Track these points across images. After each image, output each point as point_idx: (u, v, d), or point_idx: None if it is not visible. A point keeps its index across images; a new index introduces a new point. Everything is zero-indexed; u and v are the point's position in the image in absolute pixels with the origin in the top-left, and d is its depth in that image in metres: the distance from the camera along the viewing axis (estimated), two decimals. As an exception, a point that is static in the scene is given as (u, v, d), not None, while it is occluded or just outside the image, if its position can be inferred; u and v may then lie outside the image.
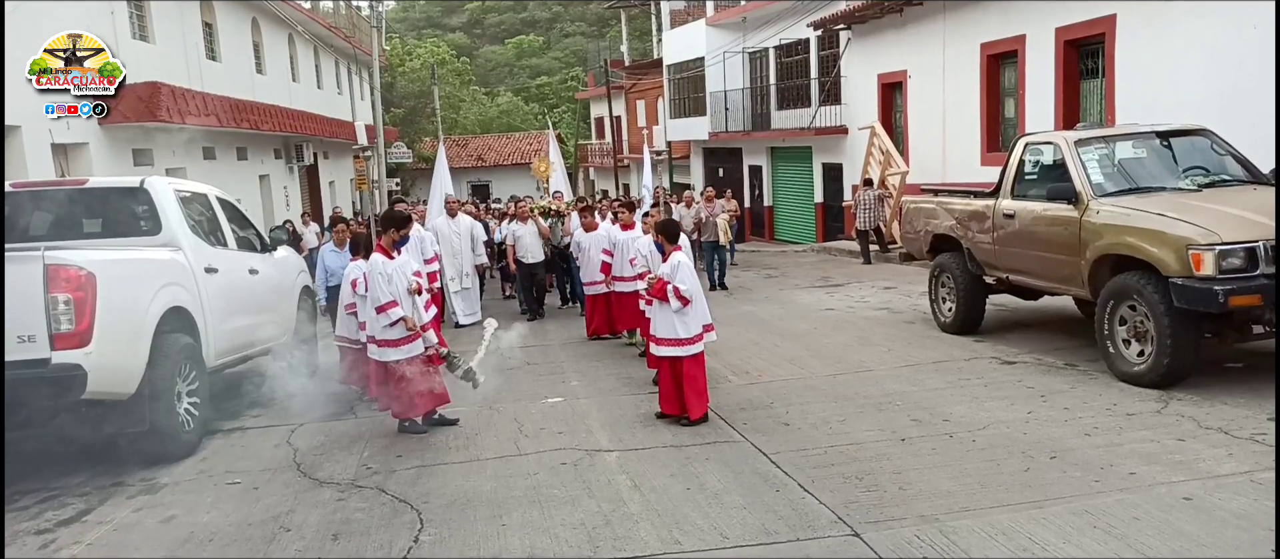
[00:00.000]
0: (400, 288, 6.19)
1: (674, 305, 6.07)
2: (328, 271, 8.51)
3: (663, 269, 6.27)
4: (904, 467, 4.99)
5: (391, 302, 6.12)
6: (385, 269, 6.18)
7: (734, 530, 4.23)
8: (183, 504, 5.11)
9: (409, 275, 6.32)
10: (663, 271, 6.24)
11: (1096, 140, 7.42)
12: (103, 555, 4.43)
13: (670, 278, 6.13)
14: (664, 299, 6.11)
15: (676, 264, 6.17)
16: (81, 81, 7.63)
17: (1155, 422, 5.50)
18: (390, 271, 6.19)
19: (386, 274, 6.16)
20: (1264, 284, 5.74)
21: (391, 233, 6.43)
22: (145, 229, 6.55)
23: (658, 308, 6.23)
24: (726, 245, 14.69)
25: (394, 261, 6.27)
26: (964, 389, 6.66)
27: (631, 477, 5.12)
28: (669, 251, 6.33)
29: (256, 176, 19.51)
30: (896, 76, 18.09)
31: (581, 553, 4.10)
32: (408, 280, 6.28)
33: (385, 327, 6.18)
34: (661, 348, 6.20)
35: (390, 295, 6.12)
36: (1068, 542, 3.86)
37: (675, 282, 6.09)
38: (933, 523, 4.15)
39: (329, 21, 26.41)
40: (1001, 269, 8.26)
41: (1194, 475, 4.53)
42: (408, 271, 6.35)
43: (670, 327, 6.14)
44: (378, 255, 6.27)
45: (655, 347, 6.30)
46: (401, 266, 6.30)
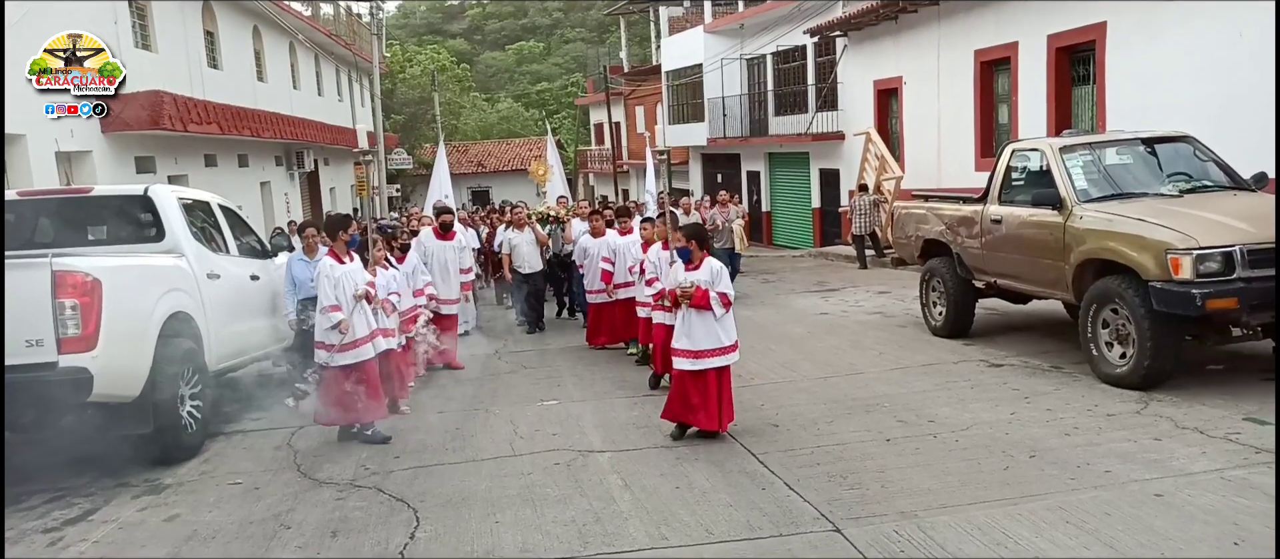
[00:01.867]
0: (345, 293, 6.26)
1: (718, 312, 5.78)
2: (296, 283, 7.86)
3: (698, 275, 5.88)
4: (887, 466, 5.13)
5: (334, 305, 6.18)
6: (332, 273, 6.25)
7: (720, 527, 4.37)
8: (186, 503, 5.25)
9: (358, 283, 6.39)
10: (700, 278, 5.86)
11: (1081, 147, 7.57)
12: (109, 554, 4.57)
13: (712, 284, 5.83)
14: (705, 306, 5.77)
15: (717, 269, 5.93)
16: (81, 81, 7.52)
17: (1134, 422, 5.64)
18: (338, 276, 6.26)
19: (333, 279, 6.24)
20: (1240, 287, 5.88)
21: (340, 236, 6.49)
22: (149, 236, 6.70)
23: (691, 317, 5.82)
24: (741, 252, 14.24)
25: (344, 267, 6.35)
26: (950, 391, 6.80)
27: (623, 476, 5.26)
28: (699, 257, 5.98)
29: (257, 183, 19.68)
30: (892, 83, 18.24)
31: (571, 549, 4.24)
32: (356, 287, 6.34)
33: (325, 328, 6.26)
34: (703, 360, 5.79)
35: (334, 299, 6.20)
36: (1040, 536, 4.00)
37: (721, 288, 5.83)
38: (912, 519, 4.29)
39: (329, 29, 26.60)
40: (990, 273, 8.40)
41: (1167, 473, 4.67)
42: (357, 279, 6.41)
43: (711, 335, 5.81)
44: (328, 259, 6.39)
45: (691, 360, 5.81)
46: (350, 273, 6.38)
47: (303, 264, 7.98)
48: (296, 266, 7.97)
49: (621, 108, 34.94)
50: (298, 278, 7.87)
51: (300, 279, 7.84)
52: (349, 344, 6.25)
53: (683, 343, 5.88)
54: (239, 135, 16.77)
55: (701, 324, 5.81)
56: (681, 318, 5.90)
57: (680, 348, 5.88)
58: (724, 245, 13.68)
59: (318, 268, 6.46)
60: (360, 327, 6.33)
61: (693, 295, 5.78)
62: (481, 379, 8.51)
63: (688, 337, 5.85)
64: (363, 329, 6.34)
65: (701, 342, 5.81)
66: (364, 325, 6.36)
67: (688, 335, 5.85)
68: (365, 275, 6.55)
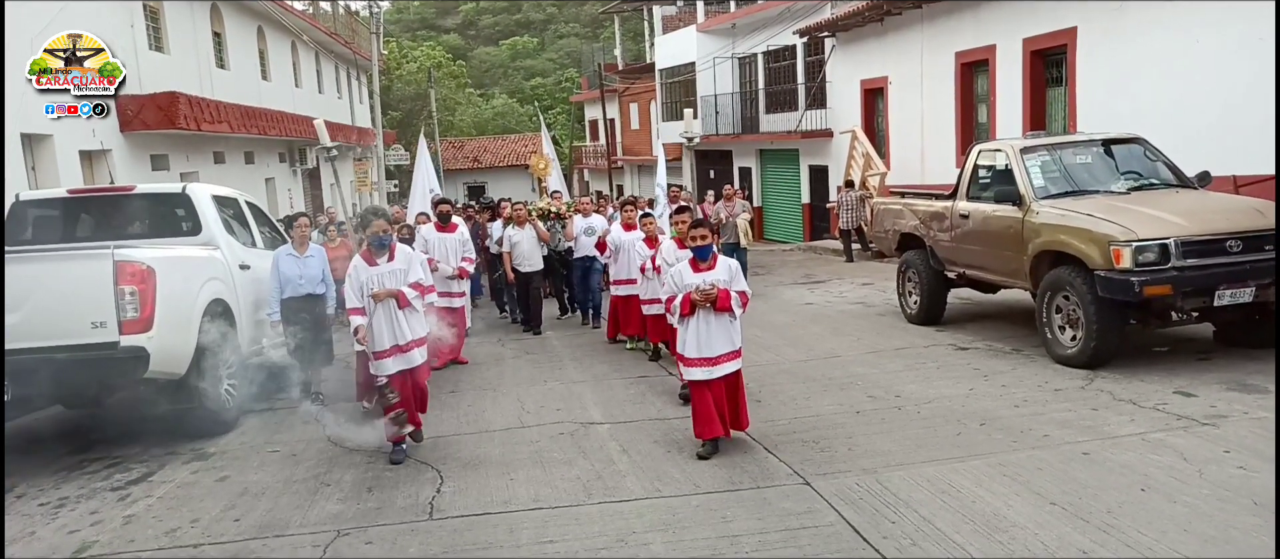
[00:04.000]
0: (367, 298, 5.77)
1: (737, 312, 5.44)
2: (283, 280, 7.25)
3: (717, 275, 5.46)
4: (855, 433, 5.80)
5: (358, 309, 5.74)
6: (359, 276, 5.78)
7: (706, 482, 5.04)
8: (233, 467, 5.90)
9: (387, 285, 5.81)
10: (718, 278, 5.45)
11: (1040, 148, 8.24)
12: (174, 507, 5.22)
13: (731, 284, 5.46)
14: (727, 308, 5.38)
15: (734, 267, 5.58)
16: (81, 81, 7.55)
17: (1078, 396, 6.31)
18: (363, 280, 5.77)
19: (360, 281, 5.78)
20: (1174, 276, 6.56)
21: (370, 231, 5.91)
22: (187, 230, 7.34)
23: (708, 321, 5.42)
24: (746, 247, 14.11)
25: (375, 268, 5.81)
26: (918, 371, 7.47)
27: (621, 443, 5.92)
28: (713, 255, 5.61)
29: (262, 179, 20.27)
30: (878, 82, 18.91)
31: (577, 499, 4.91)
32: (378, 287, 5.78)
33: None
34: (720, 366, 5.45)
35: (360, 302, 5.75)
36: (980, 486, 4.67)
37: (739, 286, 5.49)
38: (871, 474, 4.96)
39: (329, 28, 27.15)
40: (959, 265, 9.07)
41: (1097, 436, 5.35)
42: (387, 280, 5.82)
43: (728, 338, 5.47)
44: (357, 259, 5.92)
45: (707, 369, 5.42)
46: (380, 275, 5.81)
47: (291, 259, 7.40)
48: (284, 262, 7.35)
49: (616, 105, 35.58)
50: (285, 274, 7.29)
51: (288, 276, 7.29)
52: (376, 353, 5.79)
53: (693, 350, 5.45)
54: (247, 133, 17.37)
55: (718, 328, 5.44)
56: (694, 324, 5.43)
57: (692, 356, 5.46)
58: (729, 241, 13.58)
59: (351, 267, 5.90)
60: (383, 336, 5.77)
61: (716, 297, 5.37)
62: (486, 364, 9.13)
63: (702, 343, 5.43)
64: (386, 340, 5.78)
65: (719, 346, 5.44)
66: (388, 335, 5.78)
67: (703, 341, 5.43)
68: (402, 276, 5.87)
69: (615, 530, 4.44)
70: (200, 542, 4.65)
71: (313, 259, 7.54)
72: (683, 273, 5.57)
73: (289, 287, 7.33)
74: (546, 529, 4.51)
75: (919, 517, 4.34)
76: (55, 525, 5.03)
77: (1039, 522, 4.18)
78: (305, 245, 7.53)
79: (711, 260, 5.55)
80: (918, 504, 4.49)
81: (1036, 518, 4.22)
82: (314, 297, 7.47)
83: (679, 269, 5.64)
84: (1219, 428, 5.31)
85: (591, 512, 4.72)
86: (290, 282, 7.33)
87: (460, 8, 73.50)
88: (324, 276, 7.60)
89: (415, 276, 5.91)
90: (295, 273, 7.34)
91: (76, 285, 5.81)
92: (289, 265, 7.37)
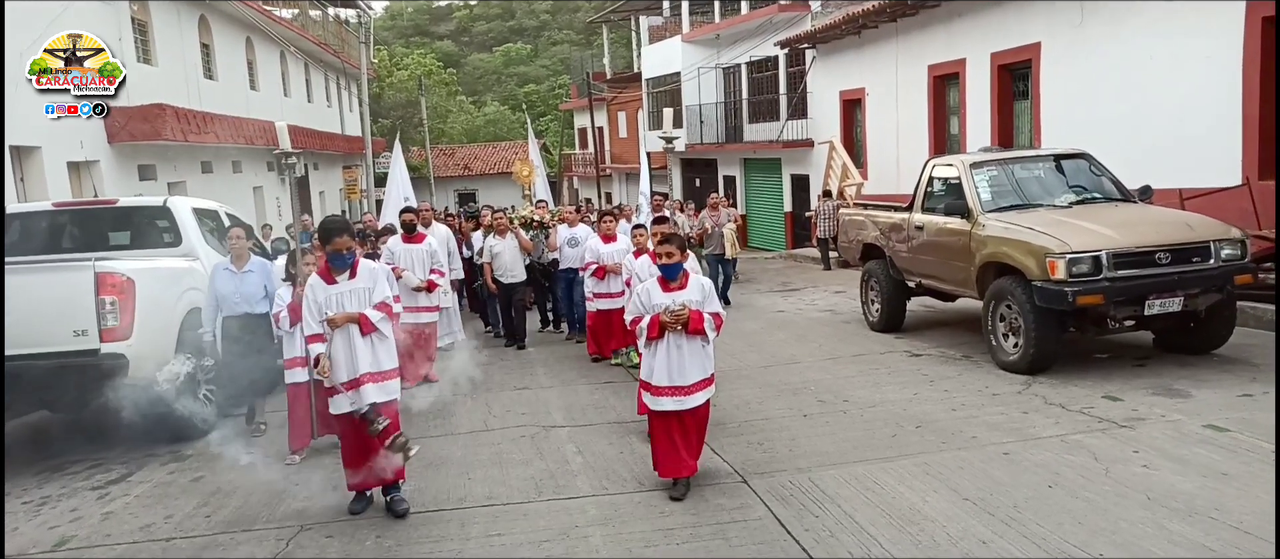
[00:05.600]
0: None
1: (711, 337, 4.99)
2: (218, 297, 6.77)
3: (689, 295, 4.98)
4: (798, 435, 6.14)
5: (316, 335, 4.96)
6: (316, 296, 4.99)
7: (650, 480, 5.36)
8: (208, 468, 6.21)
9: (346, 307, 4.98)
10: (690, 298, 4.96)
11: (990, 163, 8.60)
12: (150, 505, 5.52)
13: (705, 305, 4.98)
14: (699, 332, 4.92)
15: (707, 287, 5.12)
16: (81, 82, 7.50)
17: (1012, 400, 6.65)
18: (320, 300, 4.97)
19: (316, 302, 4.98)
20: (1105, 286, 6.91)
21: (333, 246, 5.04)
22: (168, 241, 7.66)
23: (680, 346, 4.96)
24: (733, 257, 13.86)
25: (334, 287, 4.98)
26: (869, 376, 7.81)
27: (577, 445, 6.25)
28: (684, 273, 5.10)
29: (250, 188, 20.59)
30: (856, 94, 19.31)
31: (528, 496, 5.23)
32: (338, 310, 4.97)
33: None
34: (694, 395, 5.01)
35: (317, 328, 4.96)
36: (902, 484, 5.00)
37: (712, 307, 5.03)
38: (805, 473, 5.30)
39: (318, 38, 27.51)
40: (916, 274, 9.42)
41: (1020, 438, 5.69)
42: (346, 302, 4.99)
43: (700, 365, 5.01)
44: (314, 277, 5.12)
45: (678, 398, 4.98)
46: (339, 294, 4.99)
47: (227, 275, 6.84)
48: (219, 278, 6.82)
49: (604, 113, 35.96)
50: (220, 292, 6.77)
51: (223, 293, 6.76)
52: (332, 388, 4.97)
53: (663, 377, 4.97)
54: (234, 144, 17.68)
55: (691, 353, 4.97)
56: (663, 348, 4.97)
57: (660, 385, 4.98)
58: (714, 251, 13.37)
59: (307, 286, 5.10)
60: (340, 367, 4.93)
61: (687, 319, 4.89)
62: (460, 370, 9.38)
63: (674, 370, 4.96)
64: (343, 373, 4.93)
65: (692, 373, 4.98)
66: (345, 368, 4.94)
67: (674, 368, 4.96)
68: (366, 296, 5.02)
69: (560, 526, 4.76)
70: (172, 536, 4.96)
71: (251, 274, 6.93)
72: (651, 292, 5.07)
73: (225, 305, 6.81)
74: (496, 524, 4.84)
75: (841, 511, 4.68)
76: (36, 522, 5.35)
77: (949, 516, 4.51)
78: (243, 259, 6.92)
79: (682, 279, 5.07)
80: (842, 500, 4.83)
81: (948, 512, 4.56)
82: (253, 316, 6.84)
83: (646, 288, 5.15)
84: (1135, 430, 5.66)
85: (540, 508, 5.05)
86: (226, 299, 6.80)
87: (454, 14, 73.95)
88: (267, 293, 6.88)
89: (381, 295, 5.07)
90: (230, 289, 6.80)
91: (60, 295, 6.12)
92: (223, 281, 6.83)
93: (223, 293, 6.84)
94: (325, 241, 4.99)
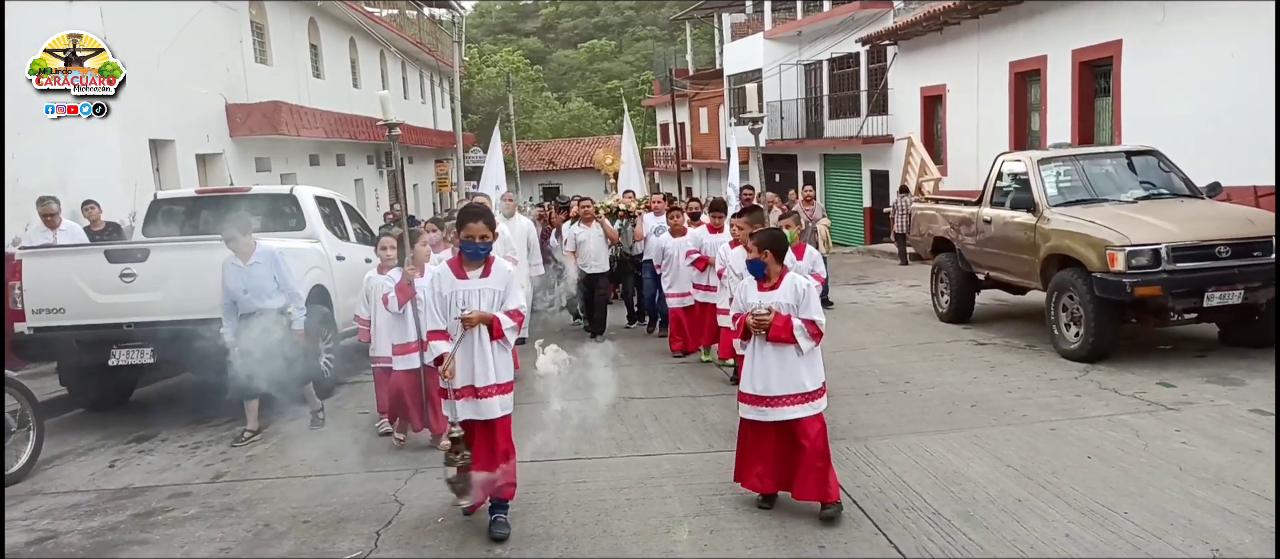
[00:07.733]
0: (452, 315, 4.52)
1: (805, 346, 4.46)
2: (228, 295, 6.42)
3: (778, 297, 4.52)
4: (858, 410, 6.63)
5: (441, 332, 4.54)
6: (442, 289, 4.56)
7: (719, 443, 5.95)
8: (330, 424, 7.05)
9: (471, 303, 4.48)
10: (779, 300, 4.51)
11: (1057, 159, 8.87)
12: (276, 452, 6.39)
13: (796, 309, 4.49)
14: (787, 339, 4.45)
15: (803, 290, 4.54)
16: (81, 81, 7.54)
17: (1068, 385, 7.00)
18: (447, 295, 4.54)
19: (442, 295, 4.56)
20: (1164, 278, 7.18)
21: (457, 235, 4.73)
22: (293, 225, 8.56)
23: (765, 353, 4.52)
24: (826, 254, 12.90)
25: (465, 283, 4.53)
26: (932, 362, 8.22)
27: (654, 413, 6.88)
28: (777, 274, 4.61)
29: (352, 180, 21.88)
30: (937, 90, 19.43)
31: (610, 453, 5.89)
32: (463, 306, 4.48)
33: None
34: (774, 409, 4.50)
35: (443, 323, 4.54)
36: (951, 452, 5.47)
37: (807, 313, 4.48)
38: (861, 441, 5.80)
39: (414, 37, 28.81)
40: (984, 267, 9.74)
41: (1069, 417, 6.06)
42: (477, 302, 4.49)
43: (791, 377, 4.48)
44: (444, 268, 4.72)
45: (757, 408, 4.56)
46: (470, 292, 4.51)
47: (234, 269, 6.39)
48: (227, 273, 6.38)
49: (686, 109, 36.52)
50: (228, 289, 6.36)
51: (231, 290, 6.37)
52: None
53: (747, 384, 4.61)
54: (339, 138, 18.90)
55: (779, 362, 4.50)
56: (752, 353, 4.60)
57: (743, 390, 4.66)
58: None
59: (433, 277, 4.77)
60: (460, 370, 4.49)
61: (770, 324, 4.46)
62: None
63: (757, 377, 4.55)
64: (462, 375, 4.51)
65: (778, 385, 4.49)
66: (464, 371, 4.51)
67: (758, 376, 4.54)
68: (498, 299, 4.55)
69: (638, 476, 5.40)
70: (309, 473, 5.80)
71: (258, 266, 6.51)
72: (747, 290, 4.70)
73: (241, 302, 6.44)
74: (582, 473, 5.51)
75: (891, 472, 5.18)
76: (194, 461, 6.27)
77: (990, 479, 4.97)
78: (250, 254, 6.51)
79: (775, 279, 4.60)
80: (893, 464, 5.33)
81: (989, 476, 5.02)
82: (269, 313, 6.52)
83: (744, 286, 4.76)
84: (1180, 412, 5.98)
85: (620, 462, 5.70)
86: (238, 296, 6.42)
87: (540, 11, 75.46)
88: (280, 285, 6.65)
89: (515, 302, 4.61)
90: (238, 285, 6.39)
91: (203, 270, 7.01)
92: (231, 277, 6.41)
93: (231, 290, 6.47)
94: (460, 227, 4.53)
